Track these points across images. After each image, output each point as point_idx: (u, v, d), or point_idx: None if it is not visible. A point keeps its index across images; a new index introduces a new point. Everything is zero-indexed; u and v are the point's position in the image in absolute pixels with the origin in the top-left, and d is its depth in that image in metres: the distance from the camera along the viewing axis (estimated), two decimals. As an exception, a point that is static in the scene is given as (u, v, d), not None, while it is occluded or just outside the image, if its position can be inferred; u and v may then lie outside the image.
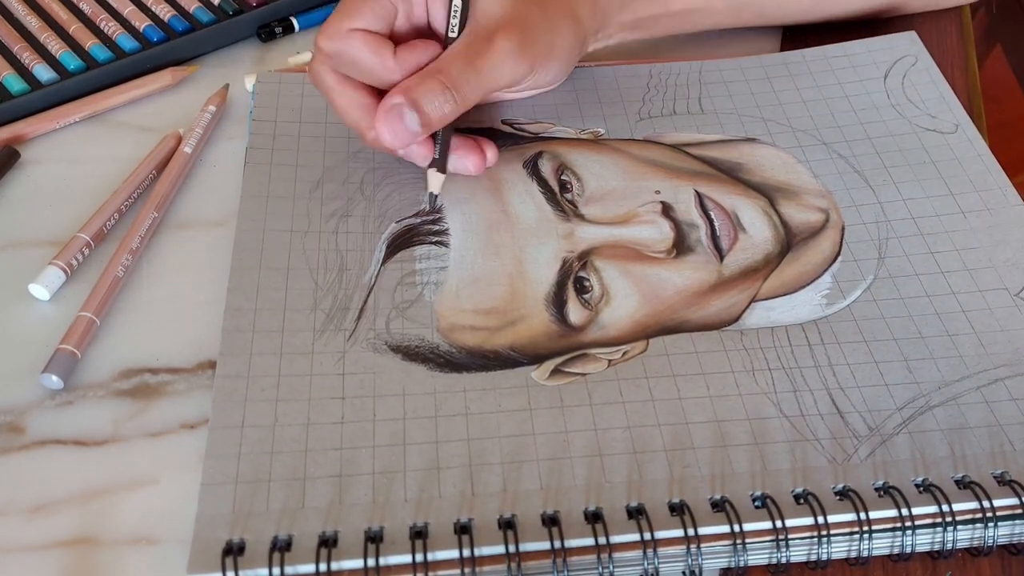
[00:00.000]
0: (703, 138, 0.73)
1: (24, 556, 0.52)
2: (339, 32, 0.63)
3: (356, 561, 0.49)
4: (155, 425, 0.57)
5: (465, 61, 0.63)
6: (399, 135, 0.62)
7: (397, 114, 0.61)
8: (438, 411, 0.56)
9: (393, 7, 0.64)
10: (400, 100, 0.61)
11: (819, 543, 0.51)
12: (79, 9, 0.82)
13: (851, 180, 0.70)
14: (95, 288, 0.62)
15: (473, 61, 0.63)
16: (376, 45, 0.63)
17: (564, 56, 0.69)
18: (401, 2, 0.65)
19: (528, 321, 0.60)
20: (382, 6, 0.64)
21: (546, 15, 0.66)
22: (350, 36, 0.63)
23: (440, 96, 0.62)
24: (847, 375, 0.58)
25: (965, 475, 0.53)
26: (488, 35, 0.63)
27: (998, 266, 0.64)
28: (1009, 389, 0.57)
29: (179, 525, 0.52)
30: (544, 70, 0.67)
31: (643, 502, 0.51)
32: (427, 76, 0.62)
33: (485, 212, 0.66)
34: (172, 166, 0.70)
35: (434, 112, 0.62)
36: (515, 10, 0.64)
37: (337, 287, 0.62)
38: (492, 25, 0.63)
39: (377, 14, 0.64)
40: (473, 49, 0.63)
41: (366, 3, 0.63)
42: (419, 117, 0.62)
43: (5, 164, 0.70)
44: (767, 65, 0.79)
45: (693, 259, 0.64)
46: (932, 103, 0.75)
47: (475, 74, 0.63)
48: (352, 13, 0.63)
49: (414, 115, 0.61)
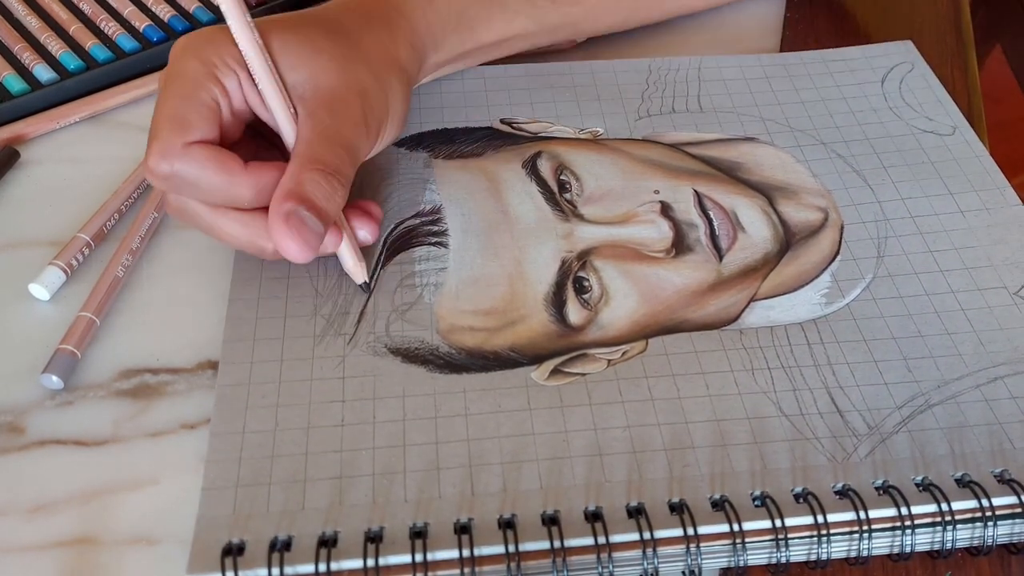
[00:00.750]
0: (702, 137, 0.73)
1: (24, 556, 0.52)
2: (173, 149, 0.55)
3: (356, 561, 0.49)
4: (155, 425, 0.57)
5: (326, 143, 0.57)
6: (307, 241, 0.55)
7: (297, 220, 0.55)
8: (438, 412, 0.56)
9: (215, 103, 0.57)
10: (291, 205, 0.55)
11: (819, 542, 0.51)
12: (79, 9, 0.82)
13: (850, 179, 0.70)
14: (95, 288, 0.62)
15: (332, 140, 0.57)
16: (220, 159, 0.56)
17: (400, 111, 0.64)
18: (220, 95, 0.57)
19: (527, 322, 0.60)
20: (206, 105, 0.56)
21: (374, 73, 0.61)
22: (187, 152, 0.55)
23: (327, 185, 0.56)
24: (846, 374, 0.58)
25: (965, 474, 0.53)
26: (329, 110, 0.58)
27: (997, 265, 0.64)
28: (1008, 387, 0.57)
29: (179, 525, 0.52)
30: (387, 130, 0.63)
31: (643, 501, 0.52)
32: (303, 170, 0.56)
33: (484, 213, 0.66)
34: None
35: (327, 203, 0.56)
36: (344, 78, 0.59)
37: (337, 292, 0.62)
38: (326, 99, 0.58)
39: (205, 117, 0.56)
40: (324, 129, 0.57)
41: (190, 106, 0.56)
42: (317, 215, 0.56)
43: (5, 164, 0.70)
44: (765, 65, 0.79)
45: (692, 259, 0.64)
46: (929, 107, 0.75)
47: (343, 150, 0.58)
48: (181, 123, 0.55)
49: (312, 215, 0.55)
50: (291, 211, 0.55)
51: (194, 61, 0.57)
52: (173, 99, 0.56)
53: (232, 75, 0.57)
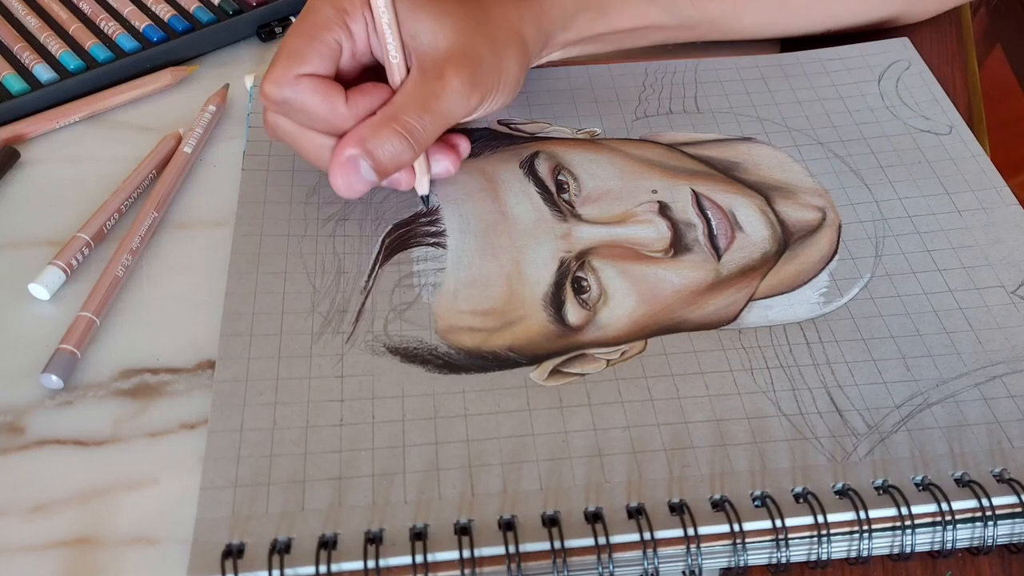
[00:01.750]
0: (699, 137, 0.73)
1: (24, 556, 0.52)
2: (286, 79, 0.60)
3: (356, 563, 0.49)
4: (155, 425, 0.57)
5: (420, 104, 0.61)
6: (354, 186, 0.61)
7: (352, 165, 0.60)
8: (437, 412, 0.56)
9: (338, 45, 0.62)
10: (354, 151, 0.60)
11: (819, 542, 0.51)
12: (79, 9, 0.82)
13: (847, 179, 0.70)
14: (95, 288, 0.62)
15: (427, 103, 0.61)
16: (326, 92, 0.60)
17: (513, 83, 0.67)
18: (345, 39, 0.62)
19: (526, 322, 0.60)
20: (327, 46, 0.61)
21: (493, 43, 0.64)
22: (298, 83, 0.60)
23: (397, 144, 0.60)
24: (845, 373, 0.58)
25: (964, 473, 0.53)
26: (438, 71, 0.61)
27: (994, 264, 0.64)
28: (1007, 386, 0.57)
29: (179, 525, 0.52)
30: (494, 98, 0.65)
31: (643, 502, 0.52)
32: (382, 124, 0.60)
33: (482, 213, 0.66)
34: (172, 166, 0.70)
35: (390, 161, 0.61)
36: (462, 41, 0.62)
37: (335, 290, 0.62)
38: (440, 59, 0.61)
39: (323, 55, 0.61)
40: (425, 89, 0.61)
41: (311, 44, 0.61)
42: (374, 166, 0.61)
43: (5, 164, 0.70)
44: (762, 65, 0.79)
45: (690, 258, 0.64)
46: (926, 105, 0.75)
47: (430, 116, 0.61)
48: (298, 57, 0.60)
49: (368, 166, 0.60)
50: (352, 156, 0.60)
51: (328, 5, 0.62)
52: (298, 35, 0.61)
53: (360, 20, 0.62)
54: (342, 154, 0.60)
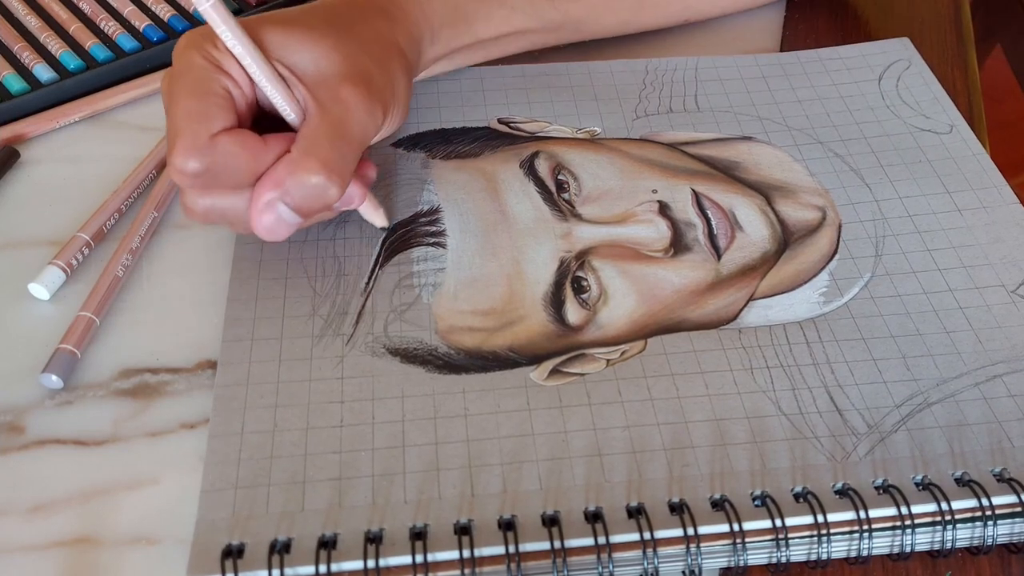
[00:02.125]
0: (699, 137, 0.73)
1: (24, 556, 0.52)
2: (200, 145, 0.55)
3: (356, 562, 0.49)
4: (155, 425, 0.57)
5: (331, 134, 0.57)
6: (276, 231, 0.58)
7: (270, 209, 0.57)
8: (437, 413, 0.56)
9: (227, 92, 0.57)
10: (272, 195, 0.56)
11: (819, 542, 0.51)
12: (79, 9, 0.82)
13: (847, 178, 0.70)
14: (95, 288, 0.62)
15: (337, 130, 0.57)
16: (244, 141, 0.56)
17: (404, 94, 0.64)
18: (230, 84, 0.58)
19: (526, 322, 0.60)
20: (220, 96, 0.57)
21: (375, 58, 0.61)
22: (215, 143, 0.55)
23: (317, 181, 0.56)
24: (845, 373, 0.58)
25: (964, 472, 0.53)
26: (334, 96, 0.58)
27: (995, 263, 0.64)
28: (1007, 385, 0.57)
29: (179, 525, 0.52)
30: (393, 112, 0.63)
31: (643, 502, 0.52)
32: (298, 163, 0.56)
33: (482, 213, 0.66)
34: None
35: (312, 200, 0.57)
36: (348, 62, 0.59)
37: (335, 292, 0.62)
38: (333, 83, 0.58)
39: (222, 106, 0.57)
40: (331, 117, 0.58)
41: (206, 99, 0.56)
42: (295, 207, 0.57)
43: (5, 164, 0.70)
44: (762, 64, 0.79)
45: (690, 258, 0.64)
46: (927, 105, 0.75)
47: (344, 143, 0.58)
48: (202, 117, 0.56)
49: (288, 209, 0.57)
50: (271, 201, 0.57)
51: (197, 56, 0.57)
52: (187, 96, 0.56)
53: (233, 61, 0.57)
54: (260, 199, 0.57)
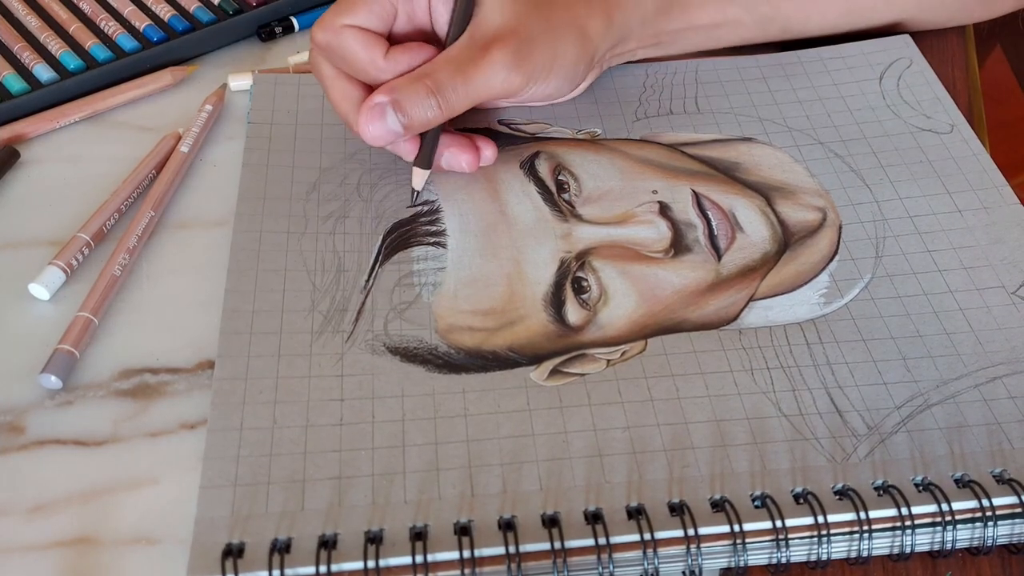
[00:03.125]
0: (700, 138, 0.73)
1: (24, 556, 0.52)
2: (332, 26, 0.63)
3: (356, 563, 0.49)
4: (155, 425, 0.57)
5: (455, 68, 0.62)
6: (379, 133, 0.63)
7: (379, 113, 0.62)
8: (437, 412, 0.56)
9: (392, 7, 0.64)
10: (383, 99, 0.62)
11: (819, 543, 0.51)
12: (79, 9, 0.82)
13: (848, 179, 0.70)
14: (93, 288, 0.62)
15: (463, 69, 0.62)
16: (368, 43, 0.63)
17: (565, 72, 0.67)
18: (402, 2, 0.64)
19: (526, 322, 0.60)
20: (380, 5, 0.63)
21: (549, 28, 0.65)
22: (342, 31, 0.63)
23: (425, 101, 0.62)
24: (845, 374, 0.58)
25: (964, 473, 0.53)
26: (484, 44, 0.63)
27: (995, 264, 0.64)
28: (1007, 387, 0.57)
29: (179, 525, 0.52)
30: (542, 84, 0.66)
31: (643, 502, 0.52)
32: (414, 79, 0.62)
33: (482, 213, 0.66)
34: (170, 165, 0.70)
35: (417, 116, 0.62)
36: (516, 21, 0.63)
37: (335, 288, 0.62)
38: (489, 34, 0.63)
39: (375, 12, 0.63)
40: (465, 57, 0.63)
41: (367, 2, 0.63)
42: (401, 118, 0.62)
43: (5, 164, 0.70)
44: (763, 65, 0.79)
45: (691, 259, 0.64)
46: (927, 104, 0.75)
47: (463, 82, 0.62)
48: (348, 9, 0.63)
49: (395, 116, 0.62)
50: (380, 104, 0.62)
51: None
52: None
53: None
54: (371, 100, 0.62)
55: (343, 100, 0.65)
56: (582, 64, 0.68)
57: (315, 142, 0.71)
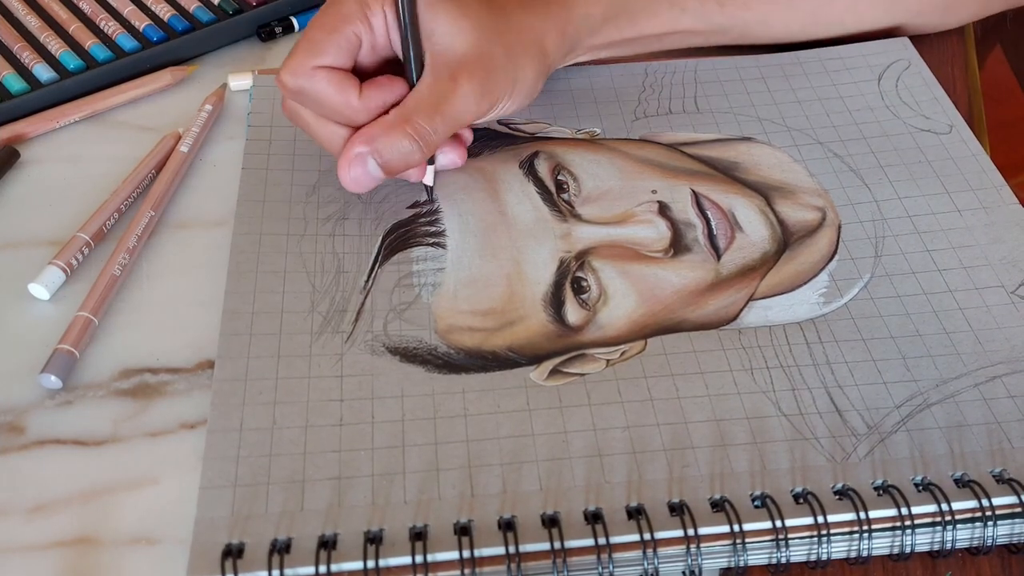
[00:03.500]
0: (699, 137, 0.73)
1: (24, 556, 0.52)
2: (302, 69, 0.62)
3: (356, 563, 0.49)
4: (155, 425, 0.57)
5: (431, 107, 0.62)
6: (360, 181, 0.63)
7: (360, 162, 0.62)
8: (437, 412, 0.56)
9: (357, 39, 0.63)
10: (364, 150, 0.62)
11: (819, 543, 0.51)
12: (79, 9, 0.82)
13: (847, 179, 0.70)
14: (92, 287, 0.62)
15: (438, 107, 0.62)
16: (340, 84, 0.62)
17: (527, 90, 0.67)
18: (365, 32, 0.63)
19: (526, 322, 0.60)
20: (346, 39, 0.63)
21: (509, 51, 0.65)
22: (313, 74, 0.62)
23: (406, 146, 0.62)
24: (845, 373, 0.58)
25: (964, 473, 0.53)
26: (451, 75, 0.63)
27: (994, 264, 0.64)
28: (1007, 386, 0.57)
29: (179, 525, 0.52)
30: (507, 104, 0.66)
31: (643, 502, 0.52)
32: (392, 126, 0.62)
33: (482, 213, 0.66)
34: (169, 165, 0.70)
35: (398, 161, 0.62)
36: (478, 47, 0.63)
37: (334, 289, 0.62)
38: (454, 63, 0.63)
39: (341, 48, 0.63)
40: (438, 93, 0.62)
41: (330, 37, 0.62)
42: (382, 165, 0.62)
43: (5, 163, 0.70)
44: (762, 65, 0.79)
45: (690, 258, 0.64)
46: (926, 105, 0.75)
47: (440, 119, 0.62)
48: (315, 49, 0.62)
49: (376, 164, 0.62)
50: (360, 154, 0.62)
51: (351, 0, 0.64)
52: (319, 27, 0.63)
53: (380, 15, 0.63)
54: (351, 151, 0.62)
55: (333, 141, 0.65)
56: (540, 80, 0.68)
57: (315, 144, 0.71)
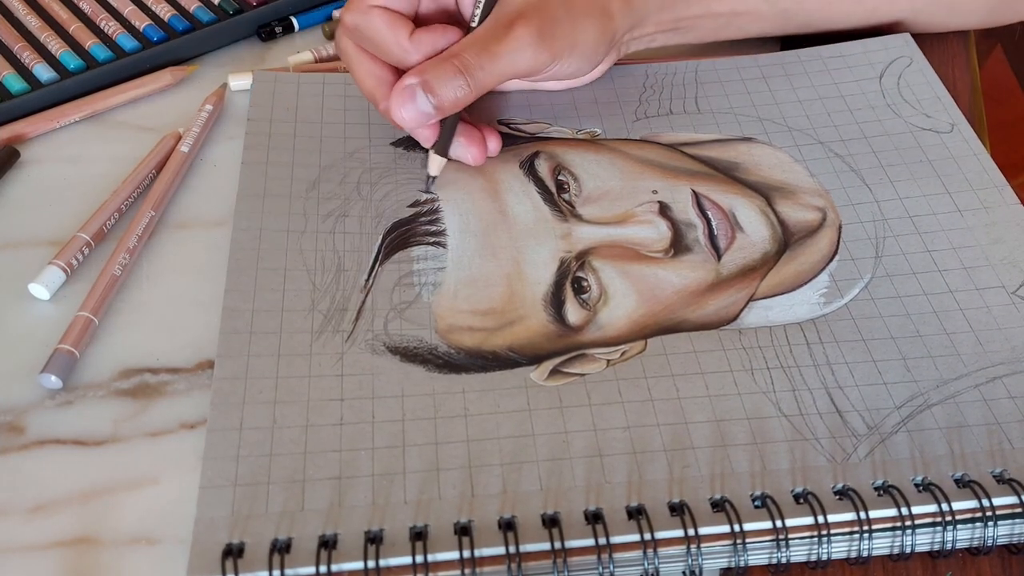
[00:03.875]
0: (700, 138, 0.73)
1: (24, 556, 0.52)
2: (360, 7, 0.64)
3: (356, 563, 0.49)
4: (155, 425, 0.57)
5: (481, 47, 0.63)
6: (411, 116, 0.64)
7: (411, 95, 0.63)
8: (437, 412, 0.56)
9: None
10: (414, 81, 0.63)
11: (819, 543, 0.51)
12: (79, 9, 0.82)
13: (848, 179, 0.70)
14: (92, 288, 0.62)
15: (489, 47, 0.63)
16: (394, 24, 0.64)
17: (587, 50, 0.68)
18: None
19: (526, 322, 0.60)
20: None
21: (570, 11, 0.66)
22: (370, 12, 0.64)
23: (454, 80, 0.63)
24: (846, 374, 0.58)
25: (964, 473, 0.53)
26: (508, 22, 0.64)
27: (995, 264, 0.64)
28: (1007, 387, 0.57)
29: (179, 525, 0.52)
30: (565, 62, 0.67)
31: (643, 502, 0.52)
32: (443, 60, 0.63)
33: (482, 213, 0.66)
34: (169, 165, 0.70)
35: (448, 96, 0.63)
36: (539, 2, 0.64)
37: (335, 288, 0.62)
38: (513, 13, 0.64)
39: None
40: (490, 35, 0.64)
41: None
42: (432, 100, 0.63)
43: (5, 163, 0.70)
44: (763, 65, 0.79)
45: (691, 259, 0.64)
46: (928, 103, 0.75)
47: (490, 60, 0.63)
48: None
49: (427, 98, 0.63)
50: (412, 85, 0.63)
51: None
52: None
53: None
54: (401, 83, 0.63)
55: (368, 77, 0.67)
56: (603, 44, 0.69)
57: (315, 140, 0.71)
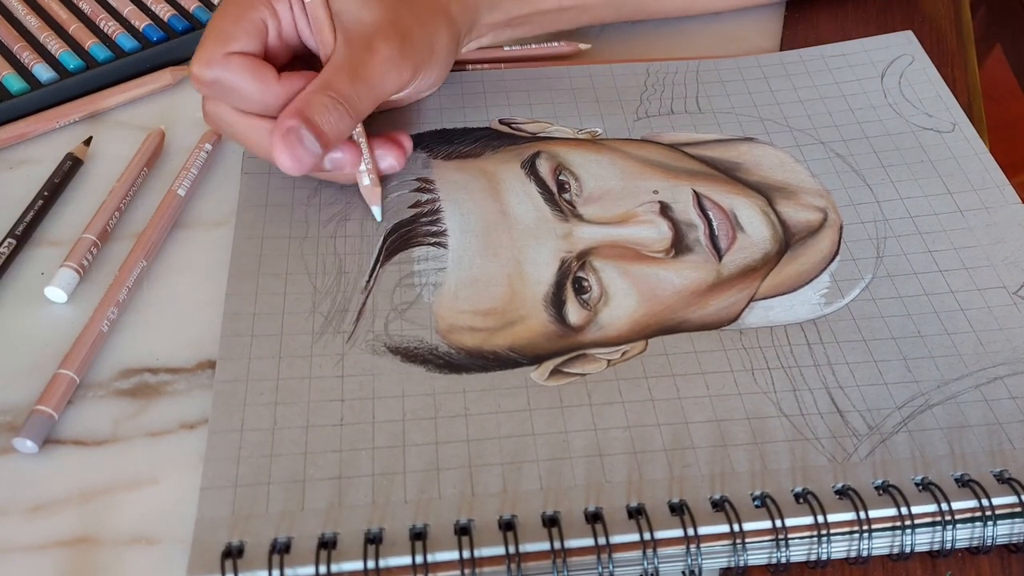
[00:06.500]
0: (701, 138, 0.73)
1: (24, 556, 0.52)
2: (215, 58, 0.61)
3: (356, 563, 0.49)
4: (155, 425, 0.57)
5: (350, 73, 0.62)
6: (301, 159, 0.60)
7: (295, 137, 0.60)
8: (437, 412, 0.56)
9: (263, 24, 0.63)
10: (294, 122, 0.59)
11: (819, 542, 0.51)
12: (79, 9, 0.82)
13: (849, 179, 0.70)
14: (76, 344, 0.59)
15: (357, 72, 0.62)
16: (256, 68, 0.61)
17: (444, 57, 0.68)
18: (270, 17, 0.63)
19: (527, 322, 0.60)
20: (253, 24, 0.62)
21: (420, 18, 0.65)
22: (227, 61, 0.61)
23: (334, 112, 0.60)
24: (846, 374, 0.58)
25: (964, 473, 0.53)
26: (366, 43, 0.62)
27: (996, 264, 0.64)
28: (1008, 387, 0.57)
29: (179, 525, 0.52)
30: (426, 73, 0.67)
31: (643, 502, 0.52)
32: (315, 94, 0.61)
33: (483, 213, 0.66)
34: (163, 210, 0.67)
35: (331, 129, 0.61)
36: (387, 15, 0.63)
37: (336, 290, 0.62)
38: (368, 33, 0.62)
39: (250, 33, 0.62)
40: (355, 60, 0.62)
41: (237, 23, 0.62)
42: (316, 135, 0.60)
43: (69, 174, 0.70)
44: (764, 65, 0.79)
45: (691, 259, 0.64)
46: (929, 102, 0.75)
47: (363, 85, 0.62)
48: (225, 37, 0.61)
49: (311, 135, 0.60)
50: (292, 127, 0.59)
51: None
52: (223, 16, 0.62)
53: (285, 1, 0.63)
54: (282, 126, 0.60)
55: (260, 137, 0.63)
56: (453, 48, 0.69)
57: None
